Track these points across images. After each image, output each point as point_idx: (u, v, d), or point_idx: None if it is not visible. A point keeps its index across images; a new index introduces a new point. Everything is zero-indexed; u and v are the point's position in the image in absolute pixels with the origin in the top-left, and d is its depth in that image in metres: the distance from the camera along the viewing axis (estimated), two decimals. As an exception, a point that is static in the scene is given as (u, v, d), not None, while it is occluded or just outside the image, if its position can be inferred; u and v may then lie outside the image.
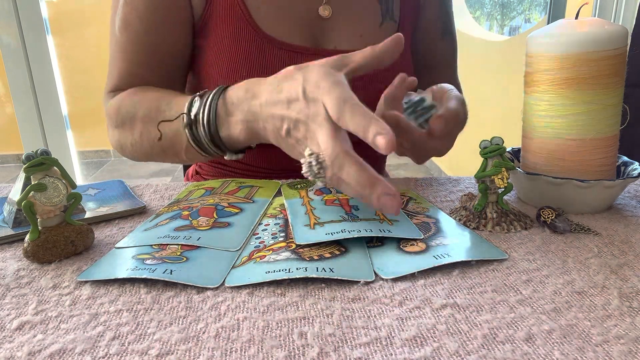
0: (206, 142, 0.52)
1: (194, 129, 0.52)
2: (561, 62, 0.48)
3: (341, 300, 0.35)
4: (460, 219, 0.49)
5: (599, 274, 0.39)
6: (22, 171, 0.43)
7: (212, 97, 0.51)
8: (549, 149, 0.51)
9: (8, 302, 0.36)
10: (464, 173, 0.68)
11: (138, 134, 0.60)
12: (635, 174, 0.50)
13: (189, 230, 0.45)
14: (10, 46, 1.71)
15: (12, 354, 0.30)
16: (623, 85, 0.50)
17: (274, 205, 0.53)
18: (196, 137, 0.53)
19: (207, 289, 0.37)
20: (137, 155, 0.64)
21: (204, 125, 0.51)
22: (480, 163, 0.48)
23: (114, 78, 0.66)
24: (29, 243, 0.41)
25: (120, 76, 0.65)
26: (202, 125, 0.51)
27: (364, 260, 0.40)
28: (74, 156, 1.95)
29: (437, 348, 0.30)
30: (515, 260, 0.41)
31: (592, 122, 0.49)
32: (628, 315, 0.33)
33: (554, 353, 0.29)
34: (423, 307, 0.34)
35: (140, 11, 0.62)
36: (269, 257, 0.41)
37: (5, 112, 3.84)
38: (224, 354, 0.30)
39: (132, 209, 0.52)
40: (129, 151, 0.64)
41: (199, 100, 0.52)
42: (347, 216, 0.47)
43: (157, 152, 0.60)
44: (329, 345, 0.30)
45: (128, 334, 0.32)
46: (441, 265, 0.39)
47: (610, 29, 0.47)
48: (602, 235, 0.45)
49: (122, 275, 0.38)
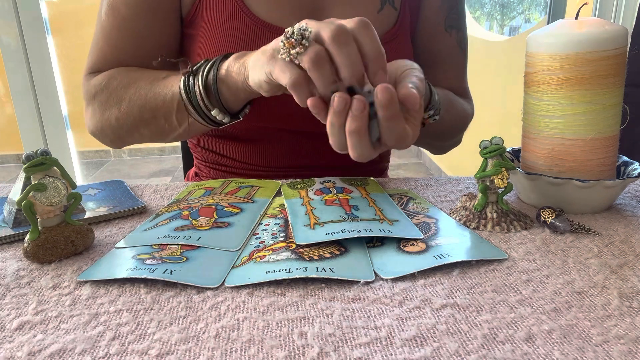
0: (199, 88, 0.53)
1: (190, 79, 0.54)
2: (561, 62, 0.48)
3: (341, 300, 0.35)
4: (460, 219, 0.49)
5: (599, 274, 0.38)
6: (22, 171, 0.43)
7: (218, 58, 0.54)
8: (549, 149, 0.51)
9: (8, 302, 0.36)
10: (464, 173, 0.68)
11: (127, 102, 0.59)
12: (635, 174, 0.50)
13: (189, 230, 0.45)
14: (10, 46, 1.71)
15: (12, 354, 0.30)
16: (623, 85, 0.50)
17: (274, 205, 0.53)
18: (189, 87, 0.54)
19: (207, 289, 0.37)
20: (121, 129, 0.62)
21: (202, 74, 0.53)
22: (480, 163, 0.48)
23: (94, 61, 0.65)
24: (29, 243, 0.41)
25: (102, 59, 0.64)
26: (200, 74, 0.53)
27: (364, 260, 0.40)
28: (74, 156, 1.95)
29: (437, 348, 0.30)
30: (515, 260, 0.41)
31: (592, 122, 0.49)
32: (628, 315, 0.33)
33: (554, 353, 0.29)
34: (423, 307, 0.34)
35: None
36: (269, 257, 0.41)
37: (5, 112, 3.84)
38: (224, 354, 0.30)
39: (132, 209, 0.52)
40: (111, 129, 0.63)
41: (204, 60, 0.54)
42: (347, 216, 0.47)
43: (147, 117, 0.59)
44: (329, 345, 0.30)
45: (128, 334, 0.32)
46: (441, 265, 0.39)
47: (610, 29, 0.47)
48: (602, 235, 0.45)
49: (122, 275, 0.38)
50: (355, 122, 0.41)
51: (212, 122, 0.56)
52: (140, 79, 0.60)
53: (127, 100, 0.60)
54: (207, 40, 0.63)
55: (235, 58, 0.52)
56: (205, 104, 0.54)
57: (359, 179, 0.60)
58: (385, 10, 0.67)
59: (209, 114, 0.54)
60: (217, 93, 0.53)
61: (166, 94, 0.57)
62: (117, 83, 0.61)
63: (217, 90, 0.53)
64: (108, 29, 0.63)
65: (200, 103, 0.54)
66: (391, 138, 0.43)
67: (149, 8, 0.62)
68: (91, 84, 0.64)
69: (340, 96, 0.41)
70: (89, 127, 0.66)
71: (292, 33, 0.41)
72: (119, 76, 0.62)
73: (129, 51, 0.64)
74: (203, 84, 0.53)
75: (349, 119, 0.41)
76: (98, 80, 0.63)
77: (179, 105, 0.56)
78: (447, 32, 0.73)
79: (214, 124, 0.56)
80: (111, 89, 0.61)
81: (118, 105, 0.61)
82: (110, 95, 0.61)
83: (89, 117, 0.65)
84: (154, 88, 0.58)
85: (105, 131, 0.64)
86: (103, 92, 0.62)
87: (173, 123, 0.58)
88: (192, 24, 0.64)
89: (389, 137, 0.43)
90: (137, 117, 0.60)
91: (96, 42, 0.65)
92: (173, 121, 0.58)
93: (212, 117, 0.55)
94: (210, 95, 0.53)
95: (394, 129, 0.42)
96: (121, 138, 0.65)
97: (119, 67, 0.63)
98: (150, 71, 0.61)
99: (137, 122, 0.61)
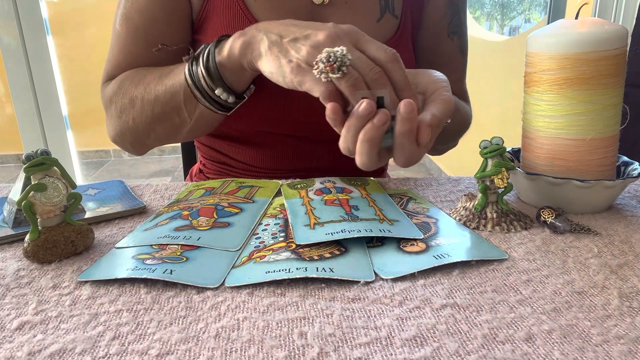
0: (201, 71, 0.54)
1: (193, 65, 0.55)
2: (561, 62, 0.48)
3: (341, 300, 0.35)
4: (460, 219, 0.49)
5: (599, 274, 0.38)
6: (22, 171, 0.43)
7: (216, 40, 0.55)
8: (549, 149, 0.51)
9: (8, 302, 0.36)
10: (464, 173, 0.68)
11: (139, 100, 0.60)
12: (635, 174, 0.50)
13: (189, 230, 0.45)
14: (10, 46, 1.71)
15: (12, 354, 0.30)
16: (623, 85, 0.50)
17: (274, 205, 0.53)
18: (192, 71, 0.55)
19: (207, 289, 0.37)
20: (138, 130, 0.63)
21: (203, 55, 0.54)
22: (480, 163, 0.48)
23: (110, 70, 0.66)
24: (29, 243, 0.41)
25: (117, 68, 0.65)
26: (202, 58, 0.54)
27: (364, 260, 0.40)
28: (74, 156, 1.95)
29: (437, 348, 0.30)
30: (515, 260, 0.41)
31: (592, 122, 0.49)
32: (628, 315, 0.33)
33: (554, 353, 0.29)
34: (423, 307, 0.34)
35: (140, 5, 0.63)
36: (269, 257, 0.41)
37: (5, 112, 3.84)
38: (224, 354, 0.30)
39: (132, 209, 0.52)
40: (129, 132, 0.64)
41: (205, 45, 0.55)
42: (347, 216, 0.47)
43: (158, 112, 0.60)
44: (329, 345, 0.30)
45: (128, 334, 0.32)
46: (441, 265, 0.39)
47: (610, 29, 0.47)
48: (602, 235, 0.45)
49: (122, 275, 0.38)
50: (372, 131, 0.42)
51: (220, 107, 0.57)
52: (149, 76, 0.61)
53: (139, 99, 0.61)
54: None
55: (235, 37, 0.52)
56: (209, 84, 0.54)
57: (359, 179, 0.60)
58: (385, 19, 0.67)
59: (214, 95, 0.55)
60: (220, 76, 0.54)
61: (173, 85, 0.58)
62: (129, 84, 0.62)
63: (219, 72, 0.54)
64: (123, 38, 0.64)
65: (204, 85, 0.54)
66: (402, 154, 0.44)
67: (163, 15, 0.63)
68: (107, 91, 0.65)
69: (369, 103, 0.42)
70: (110, 133, 0.67)
71: (335, 59, 0.42)
72: (129, 77, 0.63)
73: (143, 59, 0.65)
74: (205, 66, 0.54)
75: (367, 127, 0.42)
76: (112, 86, 0.64)
77: (186, 94, 0.56)
78: (450, 38, 0.73)
79: (222, 108, 0.57)
80: (124, 91, 0.62)
81: (132, 105, 0.61)
82: (124, 97, 0.62)
83: (109, 123, 0.66)
84: (162, 82, 0.59)
85: (125, 135, 0.65)
86: (117, 95, 0.63)
87: (183, 114, 0.59)
88: (199, 30, 0.65)
89: (400, 152, 0.44)
90: (150, 114, 0.61)
91: (111, 51, 0.66)
92: (183, 112, 0.59)
93: (218, 99, 0.55)
94: (213, 77, 0.54)
95: (406, 146, 0.43)
96: (139, 141, 0.65)
97: (131, 70, 0.64)
98: (158, 68, 0.62)
99: (151, 120, 0.61)
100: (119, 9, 0.64)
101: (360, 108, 0.42)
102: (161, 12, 0.63)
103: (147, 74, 0.61)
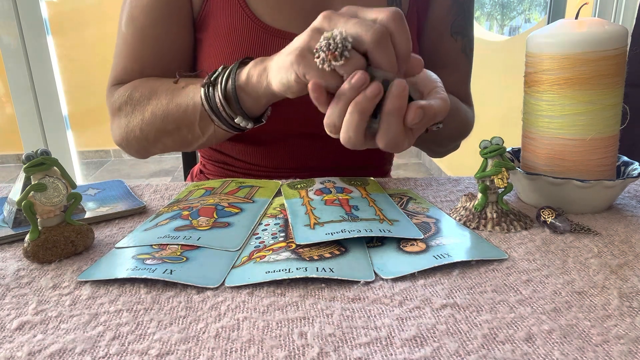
0: (219, 98, 0.53)
1: (210, 89, 0.54)
2: (561, 62, 0.48)
3: (341, 300, 0.35)
4: (460, 219, 0.49)
5: (599, 274, 0.38)
6: (22, 171, 0.43)
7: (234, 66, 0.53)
8: (549, 149, 0.51)
9: (8, 302, 0.36)
10: (464, 173, 0.68)
11: (149, 113, 0.60)
12: (635, 174, 0.50)
13: (189, 230, 0.45)
14: (10, 46, 1.71)
15: (12, 354, 0.30)
16: (623, 85, 0.50)
17: (274, 205, 0.53)
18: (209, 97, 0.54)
19: (207, 289, 0.37)
20: (146, 140, 0.63)
21: (221, 81, 0.53)
22: (481, 163, 0.48)
23: (117, 73, 0.67)
24: (29, 243, 0.41)
25: (124, 70, 0.66)
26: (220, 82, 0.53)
27: (364, 260, 0.40)
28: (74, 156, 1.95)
29: (437, 348, 0.30)
30: (515, 260, 0.41)
31: (592, 122, 0.49)
32: (628, 315, 0.33)
33: (554, 353, 0.29)
34: (423, 307, 0.34)
35: (144, 5, 0.63)
36: (269, 257, 0.41)
37: (5, 112, 3.84)
38: (224, 354, 0.30)
39: (132, 209, 0.52)
40: (135, 140, 0.64)
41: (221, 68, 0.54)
42: (347, 216, 0.47)
43: (170, 128, 0.60)
44: (329, 345, 0.30)
45: (128, 334, 0.32)
46: (441, 265, 0.39)
47: (610, 29, 0.47)
48: (602, 235, 0.45)
49: (122, 275, 0.38)
50: (364, 102, 0.41)
51: (235, 129, 0.56)
52: (160, 89, 0.61)
53: (149, 112, 0.61)
54: (212, 45, 0.64)
55: (255, 64, 0.51)
56: (227, 112, 0.54)
57: (359, 179, 0.60)
58: None
59: (232, 121, 0.55)
60: (238, 101, 0.53)
61: (187, 105, 0.57)
62: (139, 95, 0.62)
63: (237, 98, 0.53)
64: (129, 40, 0.65)
65: (222, 112, 0.54)
66: (387, 133, 0.42)
67: (167, 14, 0.63)
68: (115, 96, 0.65)
69: (362, 74, 0.41)
70: (115, 138, 0.67)
71: (336, 45, 0.40)
72: (140, 87, 0.63)
73: (149, 60, 0.65)
74: (223, 94, 0.53)
75: (359, 99, 0.41)
76: (121, 92, 0.64)
77: (202, 115, 0.56)
78: (453, 37, 0.73)
79: (237, 129, 0.57)
80: (134, 101, 0.62)
81: (142, 117, 0.61)
82: (135, 107, 0.62)
83: (115, 129, 0.66)
84: (175, 99, 0.58)
85: (131, 142, 0.65)
86: (127, 104, 0.63)
87: (196, 132, 0.59)
88: (200, 28, 0.65)
89: (385, 132, 0.42)
90: (160, 128, 0.61)
91: (118, 54, 0.67)
92: (196, 131, 0.59)
93: (235, 124, 0.55)
94: (232, 104, 0.53)
95: (393, 125, 0.42)
96: (146, 148, 0.65)
97: (140, 79, 0.64)
98: (167, 80, 0.62)
99: (160, 133, 0.61)
100: (124, 11, 0.65)
101: (354, 80, 0.41)
102: (165, 10, 0.63)
103: (158, 88, 0.61)
